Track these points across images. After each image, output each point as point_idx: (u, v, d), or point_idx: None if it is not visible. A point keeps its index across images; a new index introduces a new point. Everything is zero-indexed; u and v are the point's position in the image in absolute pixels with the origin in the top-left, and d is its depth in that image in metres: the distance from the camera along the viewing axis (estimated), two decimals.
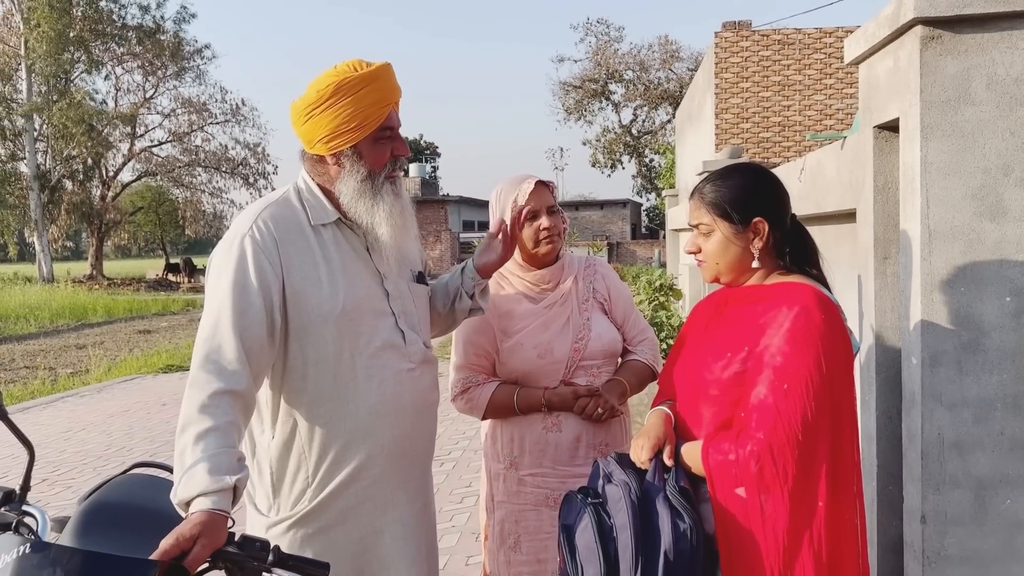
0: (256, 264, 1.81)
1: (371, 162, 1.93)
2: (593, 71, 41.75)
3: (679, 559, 1.63)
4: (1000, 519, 2.09)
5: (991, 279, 2.06)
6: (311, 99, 1.88)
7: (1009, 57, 2.04)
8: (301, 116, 1.91)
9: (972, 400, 2.08)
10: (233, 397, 1.70)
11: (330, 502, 1.90)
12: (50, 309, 19.80)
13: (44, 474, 5.96)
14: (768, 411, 1.64)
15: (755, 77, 14.91)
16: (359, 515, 1.93)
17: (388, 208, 1.93)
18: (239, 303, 1.77)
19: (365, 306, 1.93)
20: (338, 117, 1.86)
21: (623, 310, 2.48)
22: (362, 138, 1.90)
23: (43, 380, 10.46)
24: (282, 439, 1.91)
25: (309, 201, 1.96)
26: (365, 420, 1.90)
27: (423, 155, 65.59)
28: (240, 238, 1.84)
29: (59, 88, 32.69)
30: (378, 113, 1.90)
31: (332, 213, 1.95)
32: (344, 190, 1.93)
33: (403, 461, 1.99)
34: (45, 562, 1.31)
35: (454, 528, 4.61)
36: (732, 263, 1.83)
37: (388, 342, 1.95)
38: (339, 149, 1.90)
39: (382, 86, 1.91)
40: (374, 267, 1.98)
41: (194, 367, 1.74)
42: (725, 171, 1.87)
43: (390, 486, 1.97)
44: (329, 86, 1.86)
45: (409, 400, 1.98)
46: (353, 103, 1.86)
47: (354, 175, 1.92)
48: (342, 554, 1.90)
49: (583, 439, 2.31)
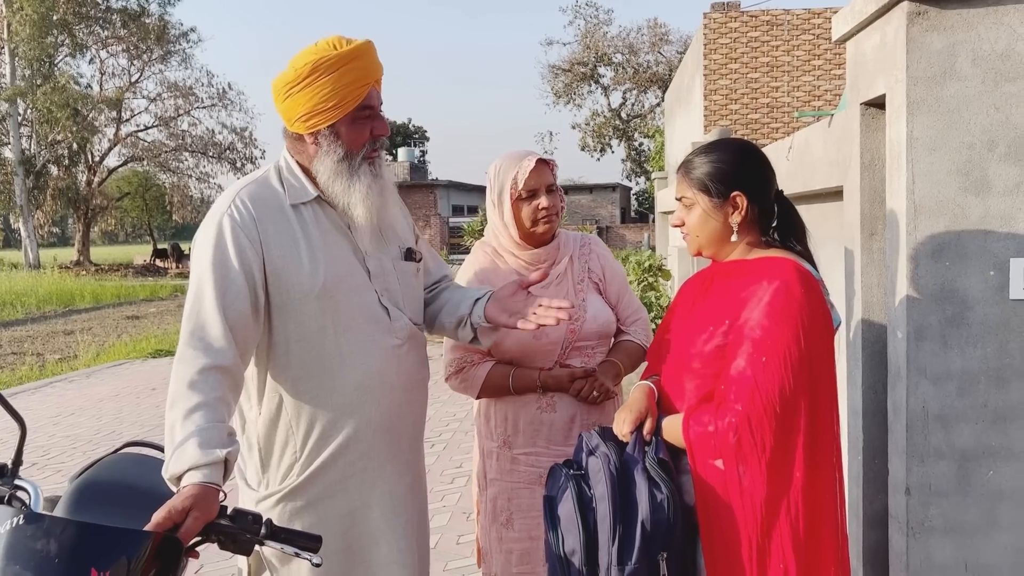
0: (236, 242, 1.81)
1: (349, 142, 1.90)
2: (582, 54, 41.61)
3: (656, 529, 1.66)
4: (983, 490, 2.12)
5: (975, 253, 2.08)
6: (289, 77, 1.86)
7: (994, 33, 2.05)
8: (281, 94, 1.89)
9: (956, 373, 2.11)
10: (221, 372, 1.70)
11: (318, 476, 1.91)
12: (37, 295, 19.66)
13: (34, 458, 5.96)
14: (746, 383, 1.66)
15: (744, 58, 14.89)
16: (348, 489, 1.95)
17: (364, 189, 1.91)
18: (220, 281, 1.78)
19: (347, 283, 1.92)
20: (316, 96, 1.84)
21: (617, 290, 2.48)
22: (340, 117, 1.87)
23: (31, 366, 10.41)
24: (269, 414, 1.92)
25: (288, 180, 1.94)
26: (352, 396, 1.91)
27: (411, 139, 65.19)
28: (219, 217, 1.84)
29: (43, 72, 32.33)
30: (357, 92, 1.87)
31: (311, 192, 1.93)
32: (321, 169, 1.91)
33: (391, 436, 2.00)
34: (39, 533, 1.31)
35: (445, 508, 4.64)
36: (712, 236, 1.86)
37: (372, 319, 1.95)
38: (317, 128, 1.88)
39: (362, 65, 1.87)
40: (355, 245, 1.97)
41: (181, 344, 1.75)
42: (709, 146, 1.89)
43: (379, 461, 1.98)
44: (307, 64, 1.83)
45: (396, 376, 1.99)
46: (331, 82, 1.83)
47: (331, 155, 1.90)
48: (332, 528, 1.91)
49: (577, 419, 2.32)
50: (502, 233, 2.36)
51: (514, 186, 2.29)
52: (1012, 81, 2.05)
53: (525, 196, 2.29)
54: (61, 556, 1.30)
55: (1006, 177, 2.06)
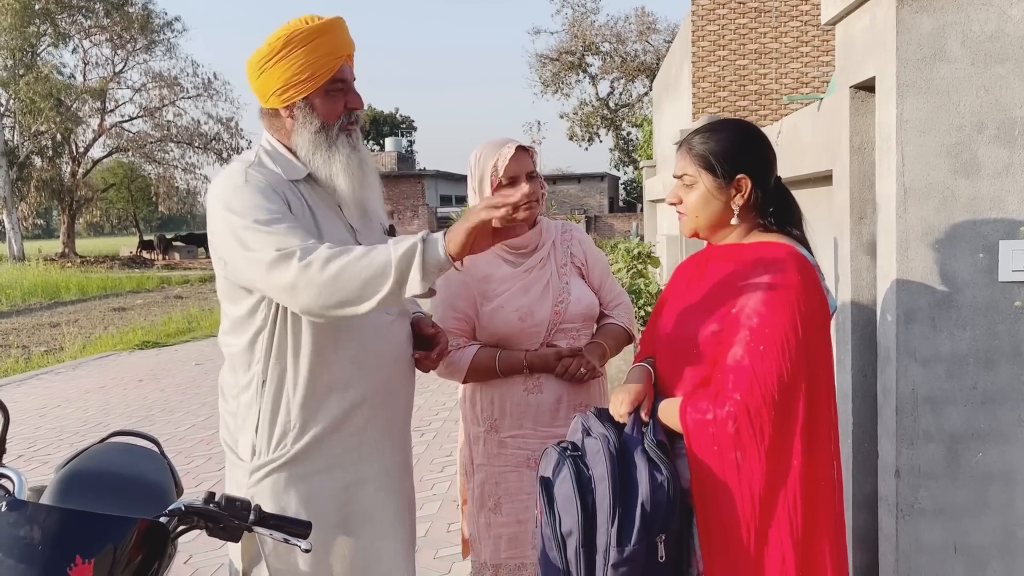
0: (267, 186, 1.85)
1: (324, 114, 1.94)
2: (570, 43, 41.50)
3: (655, 510, 1.65)
4: (972, 472, 2.13)
5: (965, 236, 2.08)
6: (263, 52, 1.90)
7: (983, 14, 2.04)
8: (255, 70, 1.93)
9: (945, 356, 2.11)
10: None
11: (313, 449, 1.93)
12: (22, 287, 19.50)
13: (20, 450, 5.91)
14: (745, 372, 1.65)
15: (732, 45, 14.88)
16: (344, 463, 1.96)
17: (345, 159, 1.94)
18: (265, 207, 1.80)
19: None
20: (289, 69, 1.88)
21: (599, 275, 2.49)
22: (313, 89, 1.91)
23: (16, 358, 10.33)
24: (263, 383, 1.93)
25: (279, 160, 1.97)
26: (348, 369, 1.93)
27: (399, 129, 64.96)
28: (244, 168, 1.89)
29: (25, 62, 31.99)
30: (329, 64, 1.91)
31: (301, 169, 1.96)
32: (300, 143, 1.94)
33: (387, 411, 2.03)
34: (23, 520, 1.29)
35: (435, 496, 4.64)
36: (712, 218, 1.83)
37: None
38: (292, 101, 1.92)
39: (333, 38, 1.92)
40: (346, 222, 2.01)
41: (278, 262, 1.73)
42: (715, 124, 1.86)
43: (375, 436, 2.00)
44: (280, 38, 1.88)
45: (388, 351, 2.02)
46: (304, 55, 1.88)
47: (307, 127, 1.93)
48: (328, 502, 1.93)
49: (564, 400, 2.33)
50: None
51: (494, 173, 2.28)
52: (1001, 63, 2.05)
53: (505, 183, 2.29)
54: (45, 543, 1.28)
55: (995, 159, 2.06)
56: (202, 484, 4.92)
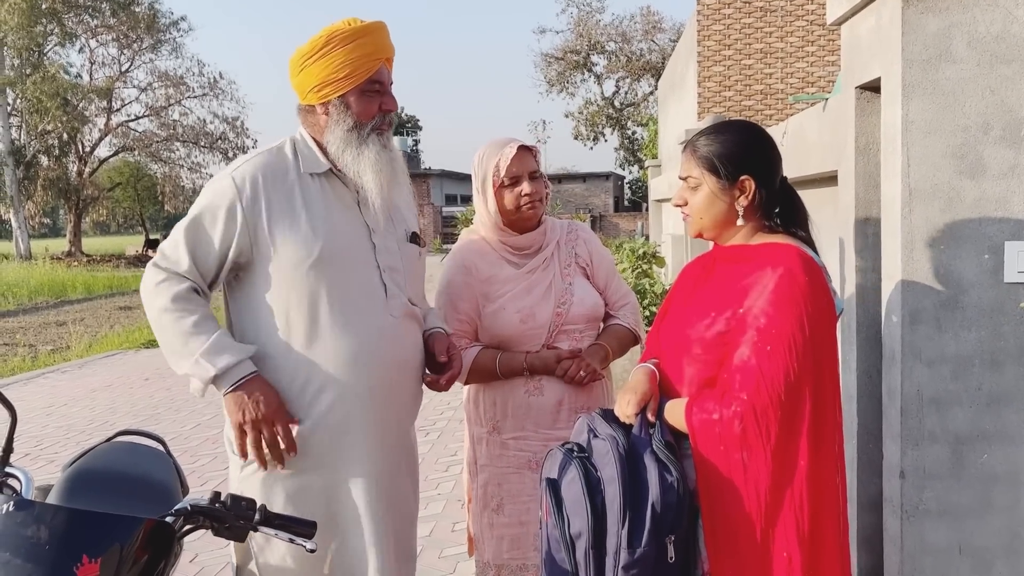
0: (228, 209, 1.93)
1: (358, 113, 1.99)
2: (575, 42, 41.46)
3: (666, 511, 1.65)
4: (977, 473, 2.13)
5: (970, 237, 2.08)
6: (305, 50, 1.98)
7: (989, 15, 2.04)
8: (296, 67, 2.00)
9: (951, 356, 2.11)
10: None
11: (302, 445, 1.94)
12: (28, 286, 19.55)
13: (27, 448, 5.93)
14: (751, 372, 1.65)
15: (737, 45, 14.84)
16: (333, 463, 1.97)
17: (374, 157, 1.99)
18: (206, 221, 1.94)
19: (347, 256, 1.98)
20: (329, 66, 1.95)
21: (605, 275, 2.48)
22: (350, 88, 1.97)
23: (23, 357, 10.36)
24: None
25: (303, 152, 2.03)
26: (343, 368, 1.95)
27: (404, 128, 65.02)
28: (226, 175, 1.97)
29: (32, 61, 32.08)
30: (367, 65, 1.97)
31: (324, 164, 2.02)
32: (331, 139, 2.00)
33: (382, 415, 2.02)
34: (30, 519, 1.30)
35: (440, 495, 4.64)
36: (716, 219, 1.84)
37: (370, 293, 2.00)
38: (328, 98, 1.98)
39: (374, 40, 1.99)
40: (363, 220, 2.04)
41: (156, 265, 1.96)
42: (720, 126, 1.86)
43: (367, 439, 2.00)
44: (322, 37, 1.96)
45: (390, 353, 2.02)
46: (344, 54, 1.94)
47: (341, 124, 1.98)
48: (315, 500, 1.95)
49: (565, 403, 2.32)
50: (487, 220, 2.36)
51: (496, 173, 2.29)
52: (1007, 63, 2.04)
53: (508, 183, 2.29)
54: (52, 542, 1.29)
55: (1001, 160, 2.06)
56: (208, 483, 4.93)
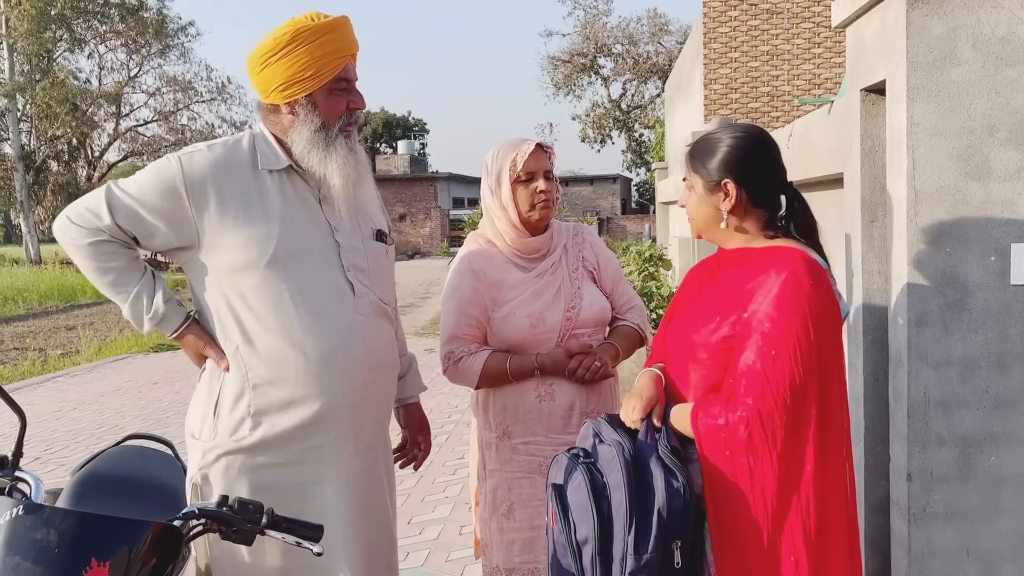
0: (168, 187, 1.89)
1: (326, 112, 1.95)
2: (582, 45, 41.49)
3: (672, 516, 1.65)
4: (984, 476, 2.12)
5: (976, 239, 2.07)
6: (267, 47, 1.91)
7: (994, 16, 2.04)
8: (257, 65, 1.93)
9: (957, 359, 2.10)
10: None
11: (271, 441, 1.91)
12: (38, 290, 19.62)
13: (36, 452, 5.97)
14: (757, 377, 1.65)
15: (744, 47, 14.82)
16: (303, 461, 1.93)
17: (341, 160, 1.95)
18: (141, 194, 1.90)
19: (306, 254, 1.93)
20: (293, 65, 1.89)
21: (612, 278, 2.48)
22: (317, 87, 1.92)
23: (33, 361, 10.42)
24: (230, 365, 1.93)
25: (261, 148, 1.97)
26: (314, 366, 1.91)
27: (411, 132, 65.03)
28: (174, 156, 1.92)
29: (42, 67, 32.26)
30: (334, 63, 1.92)
31: (283, 160, 1.96)
32: (297, 140, 1.95)
33: (354, 415, 1.99)
34: (39, 523, 1.31)
35: (447, 498, 4.65)
36: (706, 220, 1.87)
37: (336, 292, 1.96)
38: (294, 98, 1.93)
39: (339, 37, 1.93)
40: (324, 218, 1.99)
41: (79, 206, 1.94)
42: (717, 129, 1.90)
43: (338, 439, 1.96)
44: (286, 34, 1.89)
45: (362, 353, 1.98)
46: (309, 52, 1.89)
47: (308, 125, 1.94)
48: (282, 497, 1.86)
49: (576, 407, 2.32)
50: (500, 217, 2.34)
51: (513, 168, 2.28)
52: (1013, 65, 2.04)
53: (524, 178, 2.29)
54: (61, 546, 1.30)
55: (1007, 162, 2.06)
56: None
